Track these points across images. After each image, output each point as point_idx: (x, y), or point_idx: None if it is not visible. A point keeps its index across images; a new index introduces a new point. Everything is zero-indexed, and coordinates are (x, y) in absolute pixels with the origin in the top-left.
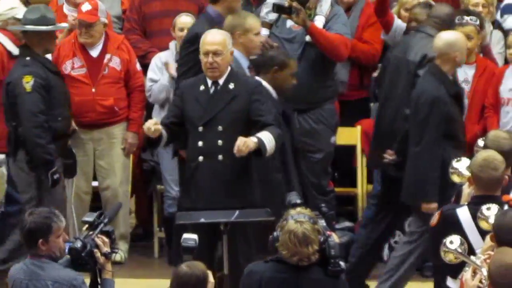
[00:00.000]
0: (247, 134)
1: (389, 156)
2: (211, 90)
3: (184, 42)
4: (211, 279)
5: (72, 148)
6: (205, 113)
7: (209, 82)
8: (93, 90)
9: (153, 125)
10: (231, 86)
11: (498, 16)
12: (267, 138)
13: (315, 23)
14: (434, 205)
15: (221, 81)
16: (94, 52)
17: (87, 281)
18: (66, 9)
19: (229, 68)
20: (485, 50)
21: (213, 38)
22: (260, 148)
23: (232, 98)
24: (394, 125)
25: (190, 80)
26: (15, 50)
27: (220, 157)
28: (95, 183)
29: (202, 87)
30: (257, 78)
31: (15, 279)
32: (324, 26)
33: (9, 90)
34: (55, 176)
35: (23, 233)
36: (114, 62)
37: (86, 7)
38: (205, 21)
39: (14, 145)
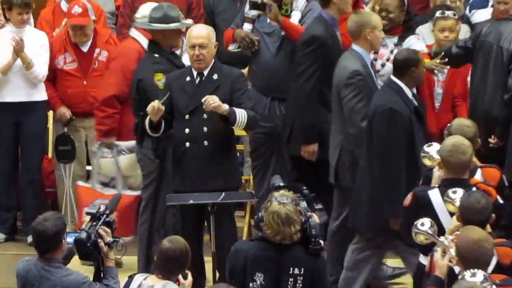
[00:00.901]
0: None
1: (493, 141)
2: (197, 81)
3: (301, 44)
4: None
5: (70, 135)
6: (191, 102)
7: (195, 73)
8: (85, 82)
9: (157, 104)
10: (215, 76)
11: (467, 11)
12: (240, 112)
13: (291, 18)
14: None
15: (205, 72)
16: (84, 48)
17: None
18: (64, 6)
19: (213, 60)
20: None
21: (198, 32)
22: (228, 117)
23: (216, 88)
24: (489, 110)
25: (176, 72)
26: None
27: (205, 142)
28: (89, 167)
29: (188, 78)
30: (392, 78)
31: (25, 280)
32: (300, 21)
33: (140, 86)
34: None
35: (48, 238)
36: (103, 56)
37: (76, 10)
38: (320, 23)
39: (141, 134)
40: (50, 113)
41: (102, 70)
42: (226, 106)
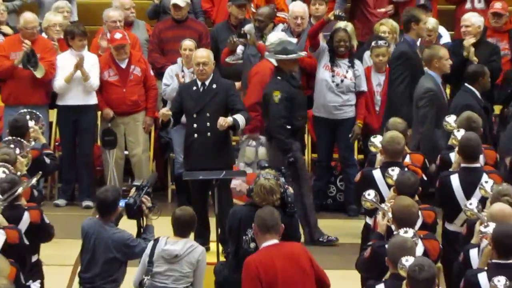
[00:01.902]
0: (226, 117)
1: None
2: (201, 89)
3: (393, 59)
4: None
5: (113, 129)
6: (197, 105)
7: (199, 83)
8: (124, 90)
9: (166, 111)
10: (214, 86)
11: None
12: (240, 119)
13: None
14: None
15: (207, 83)
16: (123, 64)
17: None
18: (109, 35)
19: (212, 74)
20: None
21: (202, 53)
22: (235, 125)
23: (215, 94)
24: None
25: (186, 83)
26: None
27: (208, 134)
28: (126, 152)
29: (194, 87)
30: (466, 85)
31: (87, 232)
32: None
33: (265, 99)
34: (290, 159)
35: (108, 204)
36: (136, 71)
37: (118, 35)
38: (405, 43)
39: (269, 134)
40: (99, 113)
41: (136, 81)
42: (230, 120)
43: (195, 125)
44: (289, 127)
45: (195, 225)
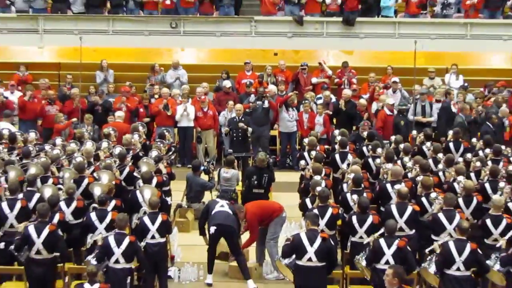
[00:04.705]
0: (246, 130)
1: None
2: (237, 120)
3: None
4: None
5: (200, 136)
6: (234, 125)
7: (236, 117)
8: (205, 120)
9: (225, 130)
10: (242, 118)
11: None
12: (249, 130)
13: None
14: None
15: (239, 117)
16: (205, 109)
17: None
18: (198, 98)
19: (241, 114)
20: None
21: (238, 106)
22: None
23: (241, 121)
24: None
25: (231, 117)
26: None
27: (239, 138)
28: (206, 145)
29: (234, 119)
30: None
31: (188, 178)
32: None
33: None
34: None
35: (197, 167)
36: (210, 112)
37: (203, 97)
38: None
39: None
40: (194, 129)
41: (210, 116)
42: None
43: (234, 134)
44: None
45: (235, 163)
